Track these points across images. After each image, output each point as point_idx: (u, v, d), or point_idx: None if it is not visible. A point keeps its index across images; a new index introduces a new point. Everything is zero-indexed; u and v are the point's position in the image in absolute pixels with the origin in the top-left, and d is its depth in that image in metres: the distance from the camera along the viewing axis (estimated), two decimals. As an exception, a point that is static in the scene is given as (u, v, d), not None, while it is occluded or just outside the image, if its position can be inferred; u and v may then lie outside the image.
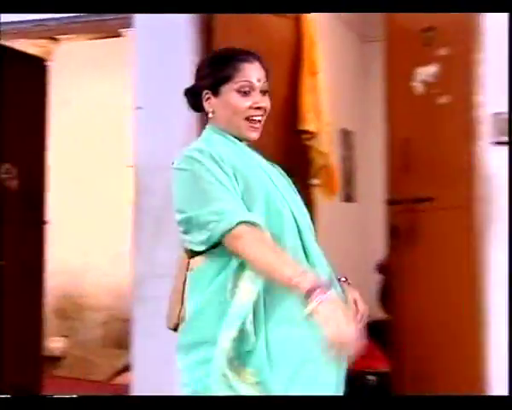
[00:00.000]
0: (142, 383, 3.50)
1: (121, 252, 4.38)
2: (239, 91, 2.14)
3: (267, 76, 2.19)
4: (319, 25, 4.20)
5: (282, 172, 2.25)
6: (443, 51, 3.51)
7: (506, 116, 3.18)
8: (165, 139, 3.50)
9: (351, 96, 5.44)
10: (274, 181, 2.14)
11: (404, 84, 3.63)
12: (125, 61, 3.93)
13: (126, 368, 4.21)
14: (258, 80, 2.15)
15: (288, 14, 3.86)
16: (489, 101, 3.21)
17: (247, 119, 2.14)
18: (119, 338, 5.04)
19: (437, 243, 3.57)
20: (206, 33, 3.55)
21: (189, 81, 3.45)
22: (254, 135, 2.17)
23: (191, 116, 3.39)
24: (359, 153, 5.52)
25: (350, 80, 5.49)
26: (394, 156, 3.71)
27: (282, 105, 3.82)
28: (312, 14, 4.01)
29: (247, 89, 2.14)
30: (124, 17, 3.65)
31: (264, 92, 2.17)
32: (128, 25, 3.67)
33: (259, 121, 2.15)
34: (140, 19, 3.59)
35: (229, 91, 2.14)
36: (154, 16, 3.50)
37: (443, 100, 3.52)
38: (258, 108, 2.15)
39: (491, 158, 3.22)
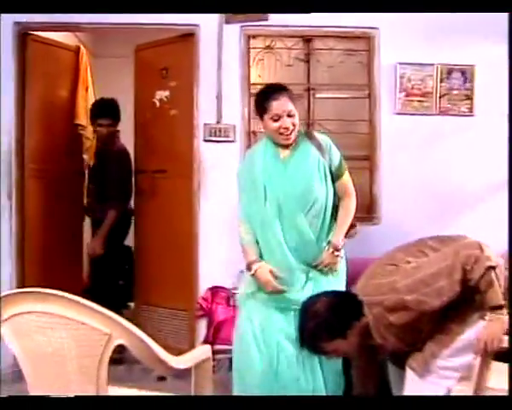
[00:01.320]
0: None
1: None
2: (272, 119, 2.81)
3: (294, 103, 2.83)
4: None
5: (303, 168, 2.89)
6: (173, 83, 4.52)
7: (212, 124, 4.20)
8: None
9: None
10: (280, 175, 2.86)
11: (149, 100, 4.65)
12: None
13: None
14: (284, 111, 2.80)
15: (71, 48, 5.03)
16: (201, 115, 4.30)
17: (280, 134, 2.84)
18: None
19: (168, 199, 4.49)
20: (22, 58, 4.43)
21: (10, 90, 4.34)
22: (287, 141, 2.88)
23: (11, 116, 4.37)
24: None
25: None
26: (141, 145, 4.79)
27: (65, 107, 5.01)
28: (83, 48, 5.12)
29: (276, 117, 2.80)
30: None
31: (290, 116, 2.81)
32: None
33: (288, 134, 2.83)
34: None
35: (267, 119, 2.85)
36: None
37: (173, 112, 4.54)
38: (286, 128, 2.83)
39: (202, 149, 4.30)
